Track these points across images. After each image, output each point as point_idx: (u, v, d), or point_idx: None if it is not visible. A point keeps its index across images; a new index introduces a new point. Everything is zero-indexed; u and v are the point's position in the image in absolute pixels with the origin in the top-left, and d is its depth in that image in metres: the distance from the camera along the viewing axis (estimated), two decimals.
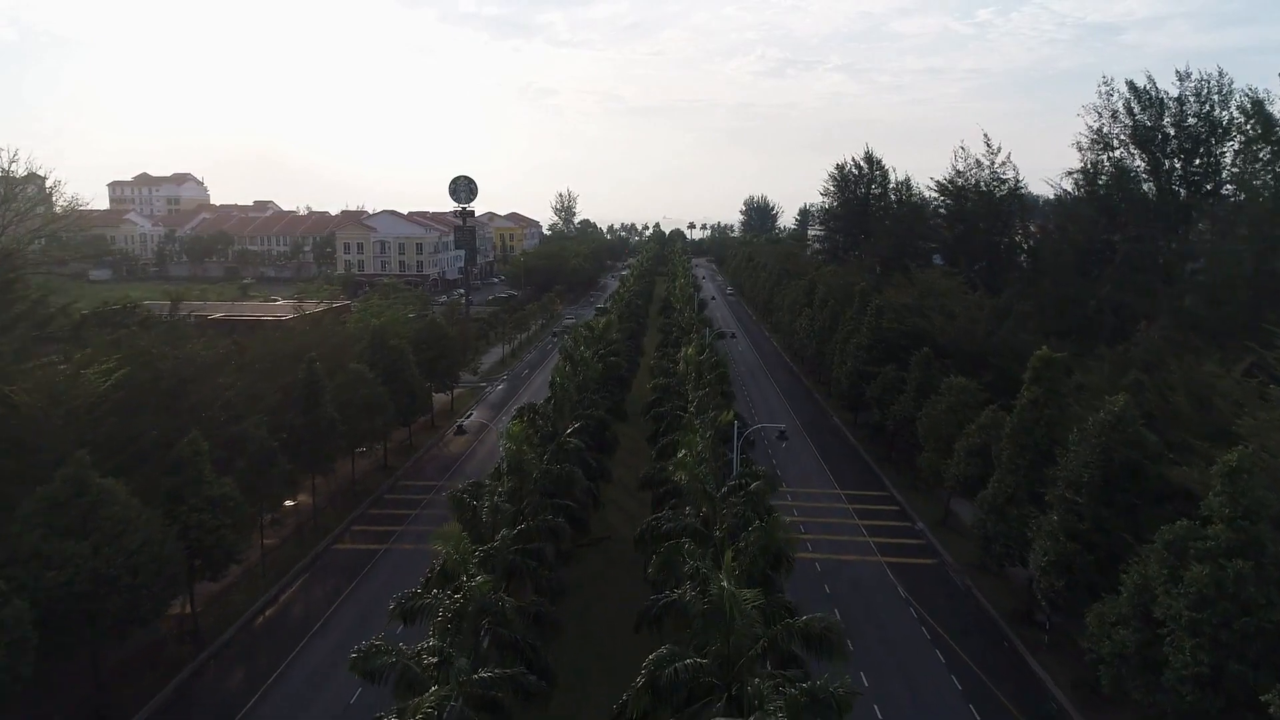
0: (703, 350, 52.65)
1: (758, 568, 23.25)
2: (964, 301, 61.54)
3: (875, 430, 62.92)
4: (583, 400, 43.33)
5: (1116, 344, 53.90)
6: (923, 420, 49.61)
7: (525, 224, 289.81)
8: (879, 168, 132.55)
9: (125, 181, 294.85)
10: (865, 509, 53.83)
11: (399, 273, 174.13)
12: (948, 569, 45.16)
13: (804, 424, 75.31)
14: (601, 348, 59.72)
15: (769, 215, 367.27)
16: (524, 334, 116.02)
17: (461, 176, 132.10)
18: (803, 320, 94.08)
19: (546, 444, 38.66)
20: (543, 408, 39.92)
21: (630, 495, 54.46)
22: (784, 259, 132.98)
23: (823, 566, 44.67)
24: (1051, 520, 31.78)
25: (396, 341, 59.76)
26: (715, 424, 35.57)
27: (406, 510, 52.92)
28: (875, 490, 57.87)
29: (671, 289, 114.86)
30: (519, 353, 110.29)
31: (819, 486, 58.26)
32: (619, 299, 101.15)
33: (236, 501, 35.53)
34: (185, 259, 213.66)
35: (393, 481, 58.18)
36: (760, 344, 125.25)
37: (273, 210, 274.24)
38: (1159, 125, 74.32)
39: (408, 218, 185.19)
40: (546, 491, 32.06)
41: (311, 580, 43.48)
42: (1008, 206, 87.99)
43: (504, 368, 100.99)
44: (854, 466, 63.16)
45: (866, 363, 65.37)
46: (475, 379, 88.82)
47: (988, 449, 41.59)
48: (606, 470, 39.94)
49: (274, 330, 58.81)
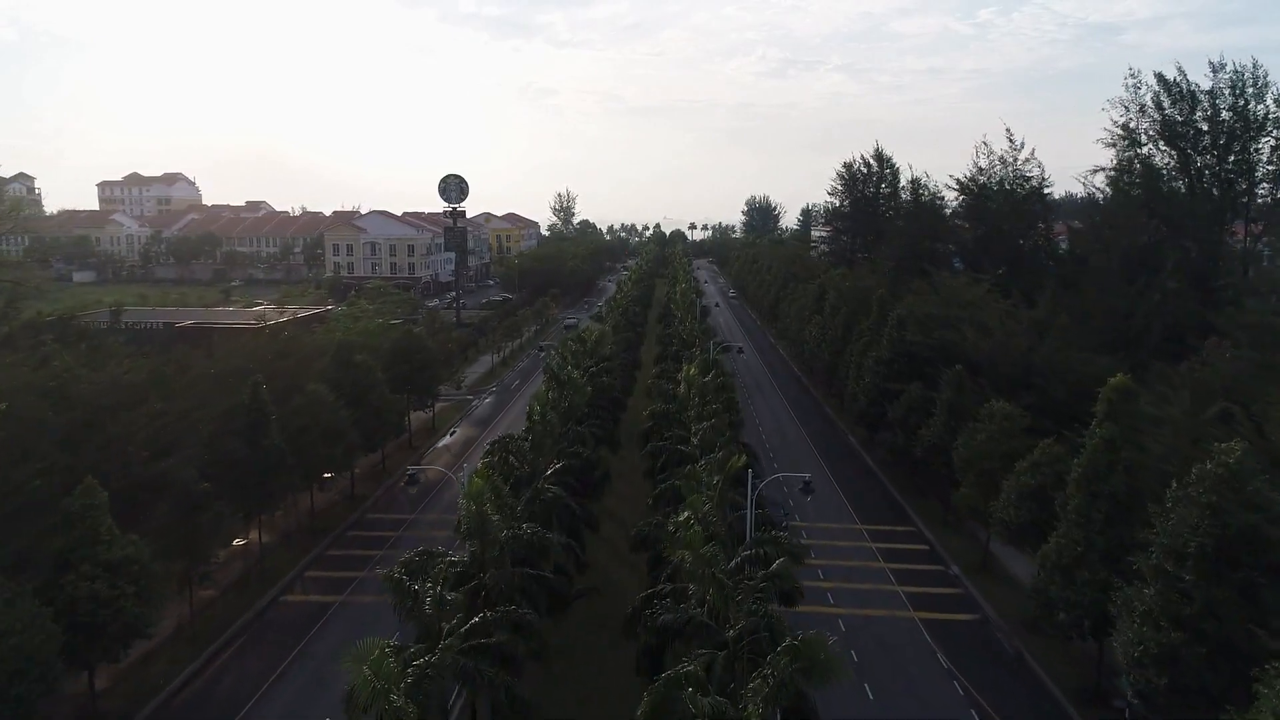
0: (707, 370, 46.36)
1: (786, 694, 17.07)
2: (997, 312, 55.20)
3: (898, 455, 56.65)
4: (567, 433, 37.12)
5: (1173, 361, 47.72)
6: (959, 450, 43.31)
7: (523, 225, 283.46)
8: (889, 166, 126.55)
9: (115, 181, 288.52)
10: (891, 549, 47.53)
11: (390, 275, 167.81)
12: (992, 628, 38.85)
13: (817, 444, 68.98)
14: (593, 364, 53.48)
15: (771, 216, 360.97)
16: (516, 341, 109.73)
17: (452, 175, 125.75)
18: (813, 328, 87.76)
19: (522, 489, 32.42)
20: (517, 444, 33.72)
21: (623, 531, 48.25)
22: (790, 262, 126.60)
23: (847, 624, 38.36)
24: (1145, 597, 25.47)
25: (363, 357, 53.47)
26: (724, 468, 29.30)
27: (371, 550, 46.67)
28: (900, 525, 51.55)
29: (672, 294, 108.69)
30: (511, 361, 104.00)
31: (836, 519, 51.97)
32: (615, 305, 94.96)
33: (143, 564, 29.29)
34: (172, 260, 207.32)
35: (359, 515, 51.92)
36: (765, 351, 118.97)
37: (265, 210, 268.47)
38: (1190, 120, 68.71)
39: (400, 218, 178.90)
40: (517, 558, 25.82)
41: (249, 645, 37.15)
42: (1032, 207, 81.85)
43: (493, 378, 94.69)
44: (875, 495, 56.83)
45: (887, 379, 59.06)
46: (460, 392, 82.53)
47: (1045, 492, 35.30)
48: (593, 518, 33.70)
49: (224, 344, 52.53)
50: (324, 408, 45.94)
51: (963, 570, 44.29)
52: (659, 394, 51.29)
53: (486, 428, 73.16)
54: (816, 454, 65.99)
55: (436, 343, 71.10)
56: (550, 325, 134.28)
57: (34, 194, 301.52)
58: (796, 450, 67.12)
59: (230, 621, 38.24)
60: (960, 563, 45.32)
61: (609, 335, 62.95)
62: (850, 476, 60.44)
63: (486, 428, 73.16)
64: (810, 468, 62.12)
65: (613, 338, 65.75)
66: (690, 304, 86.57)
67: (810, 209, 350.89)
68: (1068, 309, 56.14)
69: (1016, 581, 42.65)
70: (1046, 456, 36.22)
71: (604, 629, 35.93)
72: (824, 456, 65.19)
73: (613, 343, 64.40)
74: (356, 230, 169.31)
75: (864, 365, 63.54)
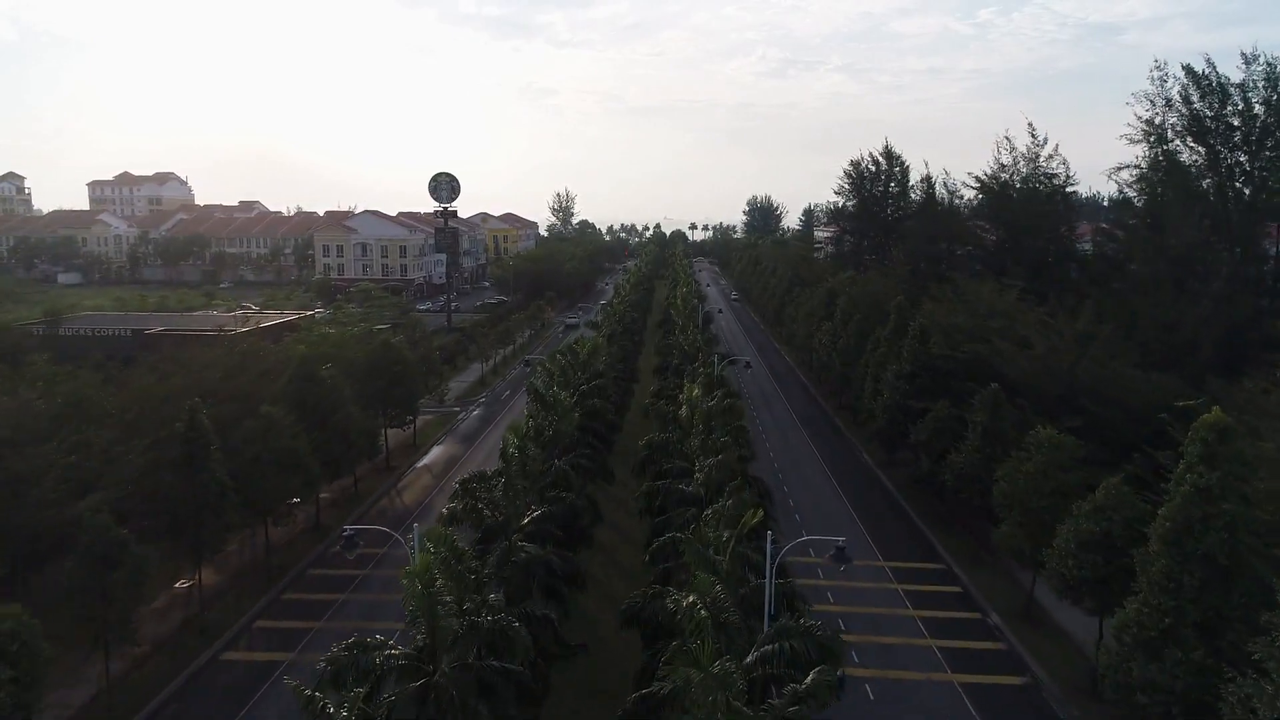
0: (711, 389, 40.97)
1: None
2: (1033, 323, 49.81)
3: (923, 481, 51.34)
4: (549, 470, 31.72)
5: (1227, 377, 42.41)
6: (1001, 484, 37.93)
7: (521, 225, 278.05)
8: (898, 164, 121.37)
9: (105, 181, 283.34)
10: (919, 592, 42.12)
11: (381, 277, 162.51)
12: (1044, 694, 33.46)
13: (830, 464, 63.57)
14: (585, 380, 48.07)
15: (773, 216, 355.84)
16: (508, 347, 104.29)
17: (443, 174, 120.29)
18: (822, 335, 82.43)
19: (494, 541, 27.06)
20: (486, 491, 28.35)
21: (617, 571, 42.90)
22: (795, 264, 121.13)
23: (876, 691, 33.00)
24: (1267, 692, 20.15)
25: (329, 372, 48.11)
26: (735, 522, 23.95)
27: (334, 593, 41.35)
28: (927, 561, 46.14)
29: (672, 298, 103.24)
30: (502, 369, 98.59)
31: (857, 553, 46.42)
32: (612, 311, 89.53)
33: (26, 641, 23.93)
34: (159, 262, 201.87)
35: (323, 549, 46.55)
36: (769, 355, 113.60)
37: (258, 210, 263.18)
38: (1221, 115, 63.66)
39: (392, 219, 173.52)
40: (480, 644, 20.49)
41: (176, 718, 31.81)
42: (1057, 207, 76.57)
43: (483, 387, 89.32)
44: (897, 526, 51.39)
45: (909, 396, 53.78)
46: (443, 405, 77.11)
47: (1112, 540, 29.95)
48: (580, 574, 28.30)
49: (166, 363, 47.10)
50: (278, 433, 40.56)
51: (1003, 619, 38.91)
52: (658, 416, 45.86)
53: (472, 444, 67.84)
54: (830, 476, 60.59)
55: (417, 353, 65.70)
56: (546, 329, 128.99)
57: (24, 194, 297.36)
58: (808, 472, 61.76)
59: (159, 688, 32.84)
60: (999, 608, 39.95)
61: (603, 347, 57.53)
62: (868, 503, 55.03)
63: (472, 444, 67.84)
64: (824, 493, 56.79)
65: (607, 349, 60.31)
66: (692, 310, 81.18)
67: (812, 209, 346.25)
68: (1113, 321, 50.74)
69: (1066, 634, 37.33)
70: (1111, 498, 30.84)
71: (594, 700, 30.68)
72: (838, 479, 59.77)
73: (607, 354, 59.00)
74: (346, 231, 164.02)
75: (882, 379, 58.21)
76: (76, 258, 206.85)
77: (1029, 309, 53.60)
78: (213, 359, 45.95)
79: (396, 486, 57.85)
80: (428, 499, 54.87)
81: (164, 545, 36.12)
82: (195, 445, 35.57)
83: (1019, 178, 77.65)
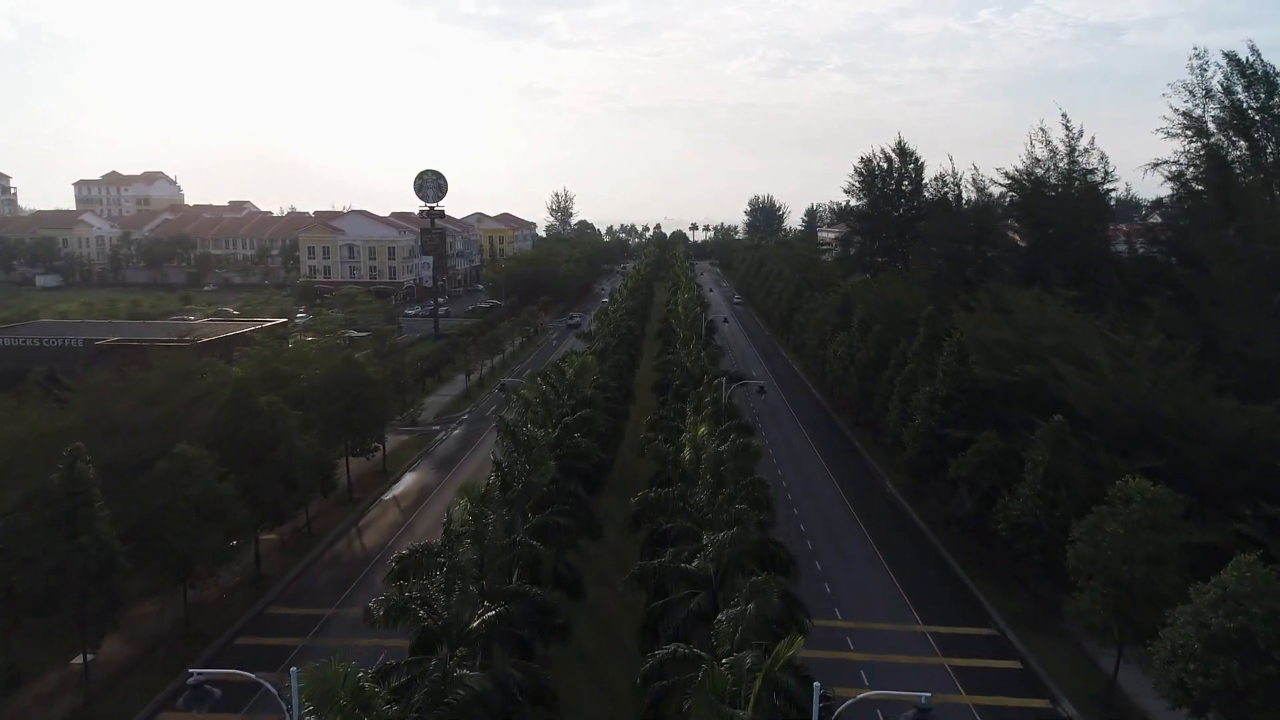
0: (719, 425, 33.72)
1: None
2: (1095, 339, 42.57)
3: (963, 522, 44.17)
4: (513, 546, 24.46)
5: None
6: (1079, 546, 30.74)
7: (518, 226, 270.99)
8: (912, 161, 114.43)
9: (93, 180, 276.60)
10: (970, 669, 34.86)
11: (369, 280, 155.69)
12: None
13: (851, 497, 56.39)
14: (569, 408, 40.88)
15: (775, 216, 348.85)
16: (497, 356, 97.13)
17: (429, 171, 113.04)
18: (837, 347, 75.31)
19: (431, 655, 19.91)
20: (426, 575, 21.17)
21: (606, 638, 35.74)
22: (802, 266, 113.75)
23: None
24: None
25: (271, 399, 40.96)
26: (762, 665, 16.83)
27: (268, 665, 34.16)
28: (975, 625, 38.84)
29: (673, 305, 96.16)
30: (489, 380, 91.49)
31: (890, 615, 39.34)
32: (606, 321, 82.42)
33: None
34: (142, 263, 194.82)
35: (259, 610, 39.41)
36: (777, 365, 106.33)
37: (248, 210, 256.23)
38: (1268, 105, 57.42)
39: (382, 219, 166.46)
40: None
41: None
42: (1100, 205, 69.45)
43: (468, 402, 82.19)
44: (935, 577, 44.09)
45: (947, 422, 46.65)
46: (418, 427, 69.89)
47: (1253, 640, 22.79)
48: (548, 691, 21.05)
49: (81, 386, 39.92)
50: (197, 475, 33.44)
51: (1079, 710, 31.72)
52: (655, 456, 38.43)
53: (450, 469, 60.74)
54: (853, 512, 53.40)
55: (387, 367, 58.57)
56: (540, 335, 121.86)
57: (9, 193, 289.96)
58: (827, 506, 54.63)
59: None
60: (1072, 693, 32.76)
61: (593, 367, 50.17)
62: (899, 547, 47.79)
63: (450, 469, 60.74)
64: (847, 534, 49.66)
65: (598, 368, 53.03)
66: (694, 319, 73.82)
67: (815, 209, 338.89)
68: (1179, 335, 43.56)
69: None
70: (1246, 581, 23.66)
71: None
72: (863, 517, 52.52)
73: (599, 374, 51.78)
74: (333, 232, 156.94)
75: (912, 401, 51.05)
76: (57, 259, 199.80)
77: (1085, 322, 46.44)
78: (128, 384, 38.73)
79: (358, 525, 50.72)
80: (392, 540, 47.71)
81: (47, 621, 29.23)
82: (77, 500, 28.48)
83: (1055, 174, 70.61)
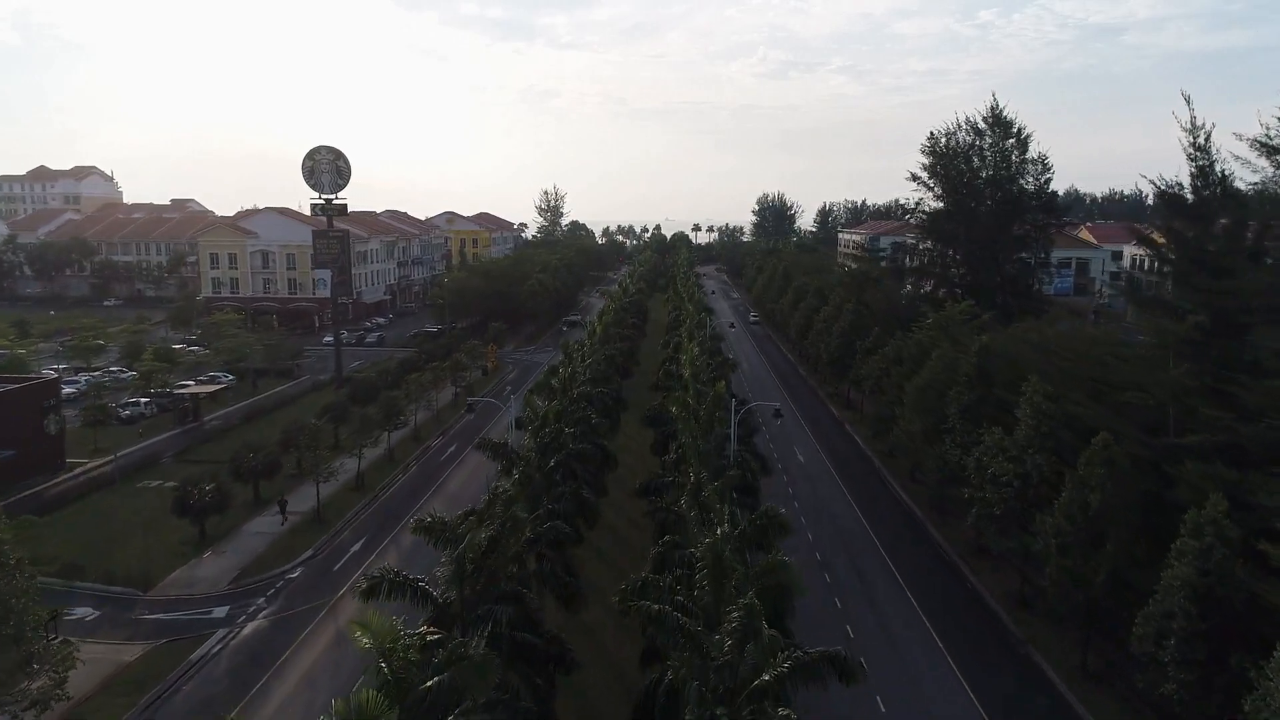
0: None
1: None
2: None
3: None
4: None
5: None
6: None
7: (496, 226, 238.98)
8: (1015, 134, 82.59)
9: (16, 176, 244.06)
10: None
11: (288, 294, 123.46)
12: None
13: None
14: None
15: (786, 217, 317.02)
16: (405, 425, 64.84)
17: (323, 148, 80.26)
18: (957, 433, 43.51)
19: None
20: None
21: None
22: (856, 288, 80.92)
23: None
24: None
25: None
26: None
27: None
28: None
29: (681, 339, 64.29)
30: (402, 454, 59.01)
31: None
32: (580, 358, 50.72)
33: None
34: (30, 273, 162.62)
35: None
36: (837, 444, 71.82)
37: (193, 209, 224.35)
38: None
39: (306, 218, 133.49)
40: None
41: None
42: None
43: (342, 516, 49.87)
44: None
45: None
46: (195, 616, 37.30)
47: None
48: None
49: None
50: None
51: None
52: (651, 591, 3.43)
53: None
54: None
55: None
56: (490, 380, 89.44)
57: None
58: None
59: None
60: None
61: (525, 524, 18.20)
62: None
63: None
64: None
65: (532, 524, 20.66)
66: (714, 412, 38.69)
67: (827, 209, 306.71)
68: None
69: None
70: None
71: None
72: None
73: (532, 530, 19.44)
74: (242, 234, 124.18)
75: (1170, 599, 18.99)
76: None
77: None
78: None
79: None
80: None
81: None
82: None
83: None
